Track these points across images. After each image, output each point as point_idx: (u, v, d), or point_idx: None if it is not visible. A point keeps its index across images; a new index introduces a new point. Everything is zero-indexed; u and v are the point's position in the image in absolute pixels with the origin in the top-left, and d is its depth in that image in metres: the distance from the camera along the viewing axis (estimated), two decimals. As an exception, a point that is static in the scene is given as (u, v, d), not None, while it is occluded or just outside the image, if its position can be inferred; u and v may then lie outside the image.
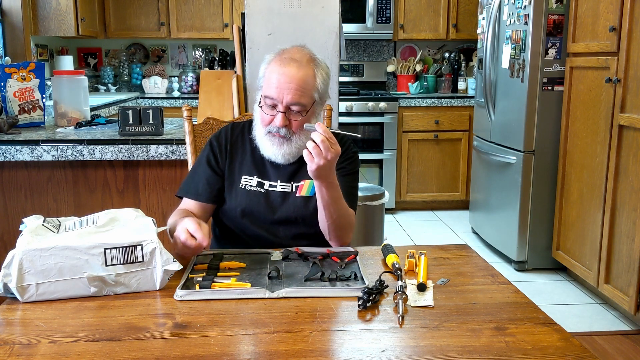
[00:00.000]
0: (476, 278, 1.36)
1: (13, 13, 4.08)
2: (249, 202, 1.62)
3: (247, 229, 1.64)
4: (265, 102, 1.56)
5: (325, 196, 1.51)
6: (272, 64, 1.56)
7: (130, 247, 1.24)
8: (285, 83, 1.52)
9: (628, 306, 2.74)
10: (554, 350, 1.02)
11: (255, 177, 1.65)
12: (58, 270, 1.21)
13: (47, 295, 1.21)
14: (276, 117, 1.55)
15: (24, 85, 2.64)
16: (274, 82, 1.53)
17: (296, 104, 1.53)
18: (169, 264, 1.26)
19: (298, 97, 1.52)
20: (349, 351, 1.01)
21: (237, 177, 1.66)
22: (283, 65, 1.54)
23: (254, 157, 1.67)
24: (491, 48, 3.81)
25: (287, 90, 1.52)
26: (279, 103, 1.53)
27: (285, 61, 1.54)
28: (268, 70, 1.57)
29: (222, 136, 1.71)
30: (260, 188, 1.64)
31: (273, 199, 1.63)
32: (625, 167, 2.79)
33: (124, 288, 1.25)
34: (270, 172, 1.65)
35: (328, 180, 1.47)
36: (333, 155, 1.40)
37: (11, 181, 2.39)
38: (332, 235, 1.59)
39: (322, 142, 1.38)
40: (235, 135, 1.71)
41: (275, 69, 1.54)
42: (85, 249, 1.22)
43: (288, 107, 1.53)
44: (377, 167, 4.83)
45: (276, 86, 1.52)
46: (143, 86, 5.13)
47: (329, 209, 1.53)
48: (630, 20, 2.74)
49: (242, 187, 1.64)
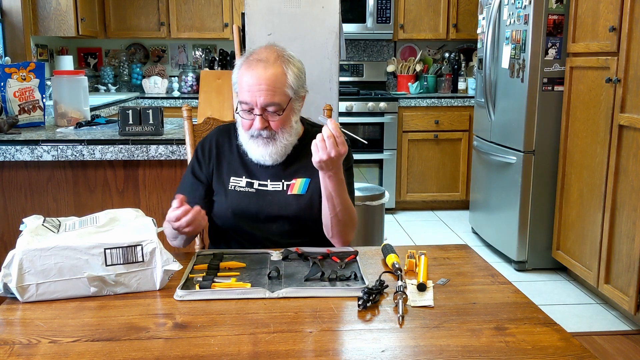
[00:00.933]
0: (476, 278, 1.36)
1: (13, 13, 4.08)
2: (239, 202, 1.63)
3: (240, 229, 1.64)
4: (241, 107, 1.56)
5: (329, 187, 1.52)
6: (242, 69, 1.57)
7: (130, 247, 1.24)
8: (255, 85, 1.52)
9: (628, 306, 2.74)
10: (554, 350, 1.02)
11: (244, 177, 1.66)
12: (58, 270, 1.21)
13: (47, 295, 1.22)
14: (254, 120, 1.55)
15: (24, 85, 2.64)
16: (245, 87, 1.54)
17: (270, 104, 1.53)
18: (169, 264, 1.26)
19: (270, 97, 1.52)
20: (349, 351, 1.01)
21: (226, 179, 1.67)
22: (250, 68, 1.54)
23: (242, 158, 1.67)
24: (491, 48, 3.81)
25: (258, 92, 1.52)
26: (254, 106, 1.54)
27: (252, 63, 1.54)
28: (239, 75, 1.57)
29: (207, 142, 1.72)
30: (249, 188, 1.64)
31: (264, 198, 1.63)
32: (625, 167, 2.79)
33: (124, 288, 1.25)
34: (259, 173, 1.66)
35: (332, 172, 1.48)
36: (336, 154, 1.41)
37: (11, 181, 2.39)
38: (334, 232, 1.59)
39: (328, 138, 1.40)
40: (222, 139, 1.72)
41: (244, 73, 1.55)
42: (85, 249, 1.22)
43: (264, 108, 1.54)
44: (377, 167, 4.83)
45: (247, 90, 1.53)
46: (143, 86, 5.13)
47: (332, 200, 1.54)
48: (630, 20, 2.74)
49: (232, 189, 1.65)
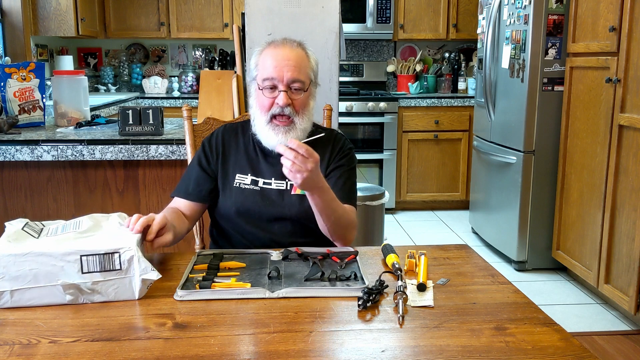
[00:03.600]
0: (476, 278, 1.36)
1: (13, 13, 4.08)
2: (243, 200, 1.62)
3: (243, 228, 1.64)
4: (264, 85, 1.57)
5: (320, 202, 1.50)
6: (266, 50, 1.60)
7: (107, 254, 1.20)
8: (283, 61, 1.55)
9: (628, 306, 2.74)
10: (554, 350, 1.02)
11: (249, 175, 1.65)
12: (33, 276, 1.17)
13: (23, 302, 1.18)
14: (278, 96, 1.55)
15: (24, 85, 2.64)
16: (271, 63, 1.56)
17: (296, 81, 1.55)
18: (147, 272, 1.22)
19: (297, 73, 1.55)
20: (349, 351, 1.01)
21: (231, 176, 1.66)
22: (277, 47, 1.58)
23: (248, 155, 1.67)
24: (491, 48, 3.81)
25: (286, 67, 1.54)
26: (279, 82, 1.55)
27: (278, 44, 1.59)
28: (262, 57, 1.60)
29: (214, 137, 1.72)
30: (254, 186, 1.64)
31: (268, 197, 1.63)
32: (625, 167, 2.79)
33: (101, 297, 1.21)
34: (264, 169, 1.65)
35: (317, 187, 1.46)
36: (313, 165, 1.39)
37: (11, 181, 2.39)
38: (335, 236, 1.59)
39: (295, 158, 1.37)
40: (229, 136, 1.72)
41: (269, 52, 1.58)
42: (60, 255, 1.18)
43: (288, 85, 1.55)
44: (377, 167, 4.83)
45: (274, 65, 1.55)
46: (143, 86, 5.13)
47: (326, 212, 1.52)
48: (630, 20, 2.74)
49: (237, 186, 1.64)
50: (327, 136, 1.68)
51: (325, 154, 1.68)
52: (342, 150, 1.69)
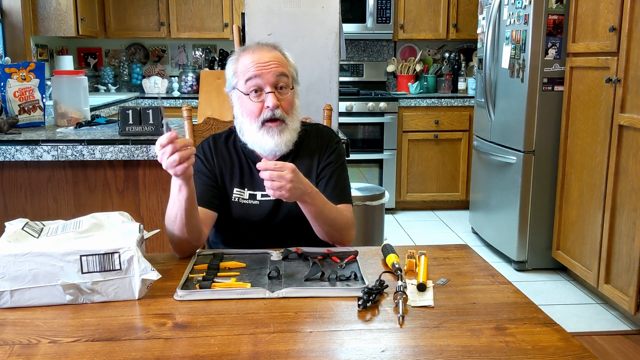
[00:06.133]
0: (476, 278, 1.36)
1: (13, 13, 4.08)
2: (244, 214, 1.61)
3: (245, 239, 1.63)
4: (249, 89, 1.54)
5: (312, 209, 1.49)
6: (243, 57, 1.57)
7: (107, 254, 1.20)
8: (263, 62, 1.53)
9: (628, 306, 2.74)
10: (554, 350, 1.02)
11: (246, 189, 1.63)
12: (33, 276, 1.17)
13: (23, 302, 1.18)
14: (267, 99, 1.53)
15: (24, 85, 2.64)
16: (252, 67, 1.53)
17: (282, 75, 1.53)
18: (147, 272, 1.21)
19: (280, 70, 1.53)
20: (349, 351, 1.01)
21: (230, 190, 1.64)
22: (254, 52, 1.56)
23: (242, 168, 1.64)
24: (491, 48, 3.81)
25: (266, 68, 1.52)
26: (265, 84, 1.53)
27: (254, 48, 1.57)
28: (240, 63, 1.56)
29: (206, 150, 1.66)
30: (253, 200, 1.62)
31: (267, 209, 1.61)
32: (625, 167, 2.79)
33: (101, 297, 1.21)
34: (258, 181, 1.58)
35: (306, 193, 1.45)
36: (290, 174, 1.37)
37: (11, 181, 2.39)
38: (333, 239, 1.59)
39: (271, 179, 1.36)
40: (219, 146, 1.66)
41: (248, 57, 1.55)
42: (60, 255, 1.18)
43: (275, 86, 1.53)
44: (377, 167, 4.83)
45: (256, 68, 1.52)
46: (143, 86, 5.13)
47: (319, 218, 1.52)
48: (630, 20, 2.74)
49: (235, 200, 1.63)
50: (313, 132, 1.67)
51: (314, 152, 1.66)
52: (330, 146, 1.66)
